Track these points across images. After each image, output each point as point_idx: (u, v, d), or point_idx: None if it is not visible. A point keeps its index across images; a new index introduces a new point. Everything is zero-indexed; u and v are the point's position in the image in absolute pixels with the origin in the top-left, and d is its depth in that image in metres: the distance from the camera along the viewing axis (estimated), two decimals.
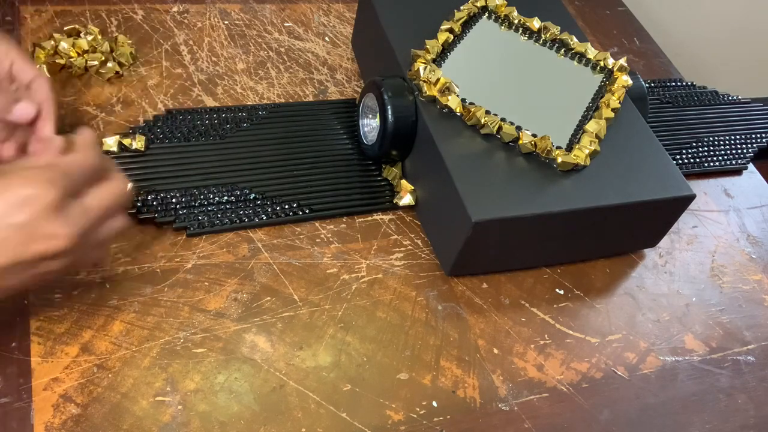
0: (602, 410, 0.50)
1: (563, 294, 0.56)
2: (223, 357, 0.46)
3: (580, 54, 0.62)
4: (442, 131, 0.53)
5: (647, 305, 0.57)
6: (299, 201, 0.55)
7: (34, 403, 0.42)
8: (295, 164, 0.57)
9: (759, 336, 0.58)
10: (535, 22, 0.63)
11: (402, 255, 0.55)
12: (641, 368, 0.53)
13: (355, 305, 0.51)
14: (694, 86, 0.78)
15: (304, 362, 0.47)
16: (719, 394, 0.53)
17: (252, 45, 0.68)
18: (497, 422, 0.47)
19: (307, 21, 0.72)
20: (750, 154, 0.72)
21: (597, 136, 0.55)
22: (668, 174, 0.56)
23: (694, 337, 0.56)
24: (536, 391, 0.50)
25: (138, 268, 0.49)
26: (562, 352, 0.52)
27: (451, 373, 0.49)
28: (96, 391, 0.43)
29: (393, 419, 0.46)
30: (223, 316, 0.48)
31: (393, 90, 0.54)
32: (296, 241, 0.53)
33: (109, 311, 0.46)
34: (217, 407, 0.44)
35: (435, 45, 0.57)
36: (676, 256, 0.61)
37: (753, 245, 0.65)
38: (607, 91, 0.60)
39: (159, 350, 0.45)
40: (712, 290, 0.60)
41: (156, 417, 0.42)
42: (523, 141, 0.53)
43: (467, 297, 0.53)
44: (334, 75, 0.67)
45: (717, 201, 0.68)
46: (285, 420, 0.44)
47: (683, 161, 0.69)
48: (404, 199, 0.57)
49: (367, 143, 0.59)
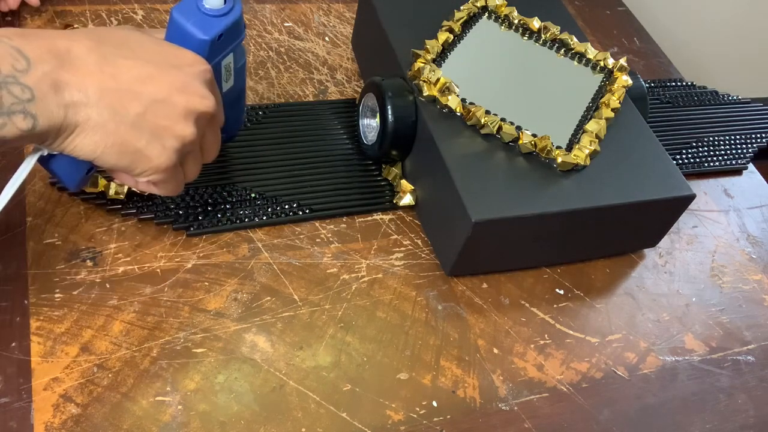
0: (602, 410, 0.50)
1: (563, 294, 0.56)
2: (223, 357, 0.46)
3: (580, 54, 0.62)
4: (442, 131, 0.53)
5: (647, 305, 0.57)
6: (299, 201, 0.55)
7: (34, 403, 0.42)
8: (295, 164, 0.57)
9: (759, 336, 0.58)
10: (535, 22, 0.63)
11: (402, 255, 0.55)
12: (641, 368, 0.53)
13: (355, 305, 0.51)
14: (694, 86, 0.78)
15: (304, 362, 0.47)
16: (719, 394, 0.53)
17: (252, 45, 0.68)
18: (497, 422, 0.47)
19: (307, 21, 0.72)
20: (750, 154, 0.72)
21: (597, 136, 0.55)
22: (668, 174, 0.56)
23: (694, 337, 0.56)
24: (536, 391, 0.50)
25: (138, 268, 0.49)
26: (562, 352, 0.52)
27: (451, 373, 0.49)
28: (96, 391, 0.43)
29: (393, 419, 0.46)
30: (223, 316, 0.48)
31: (393, 90, 0.54)
32: (296, 241, 0.53)
33: (109, 311, 0.46)
34: (217, 407, 0.44)
35: (435, 45, 0.57)
36: (676, 256, 0.61)
37: (753, 245, 0.65)
38: (607, 91, 0.60)
39: (159, 350, 0.45)
40: (712, 290, 0.60)
41: (156, 417, 0.43)
42: (523, 141, 0.53)
43: (467, 297, 0.53)
44: (334, 75, 0.67)
45: (717, 201, 0.68)
46: (285, 420, 0.44)
47: (683, 161, 0.69)
48: (404, 199, 0.57)
49: (367, 143, 0.59)
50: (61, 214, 0.50)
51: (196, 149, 0.43)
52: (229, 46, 0.45)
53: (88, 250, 0.49)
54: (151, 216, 0.51)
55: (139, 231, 0.51)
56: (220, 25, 0.43)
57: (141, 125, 0.38)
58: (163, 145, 0.39)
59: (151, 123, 0.38)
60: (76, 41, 0.37)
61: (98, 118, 0.37)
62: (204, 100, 0.40)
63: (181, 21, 0.42)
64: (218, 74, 0.46)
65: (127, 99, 0.37)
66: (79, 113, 0.36)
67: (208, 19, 0.42)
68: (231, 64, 0.47)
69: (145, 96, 0.38)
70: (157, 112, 0.38)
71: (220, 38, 0.43)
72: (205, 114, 0.41)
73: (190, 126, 0.40)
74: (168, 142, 0.39)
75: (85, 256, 0.49)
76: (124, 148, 0.38)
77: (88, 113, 0.36)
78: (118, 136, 0.38)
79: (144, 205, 0.51)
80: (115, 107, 0.37)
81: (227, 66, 0.46)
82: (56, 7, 0.65)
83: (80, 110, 0.36)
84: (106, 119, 0.37)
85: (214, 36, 0.42)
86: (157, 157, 0.39)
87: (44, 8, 0.65)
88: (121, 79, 0.37)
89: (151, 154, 0.39)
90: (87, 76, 0.36)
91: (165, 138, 0.39)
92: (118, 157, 0.38)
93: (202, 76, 0.41)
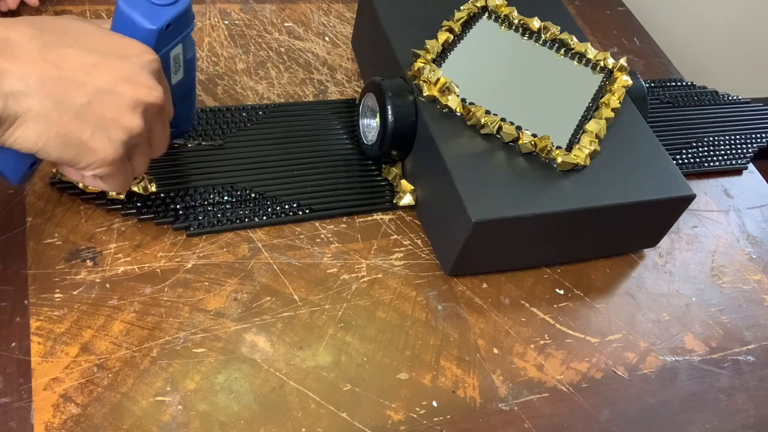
0: (602, 410, 0.50)
1: (563, 294, 0.56)
2: (223, 357, 0.46)
3: (580, 54, 0.62)
4: (442, 131, 0.53)
5: (647, 305, 0.57)
6: (299, 201, 0.55)
7: (34, 403, 0.42)
8: (295, 164, 0.57)
9: (759, 336, 0.58)
10: (535, 22, 0.63)
11: (402, 255, 0.55)
12: (641, 368, 0.53)
13: (355, 305, 0.51)
14: (694, 86, 0.78)
15: (304, 362, 0.47)
16: (719, 394, 0.53)
17: (252, 45, 0.68)
18: (497, 422, 0.47)
19: (307, 21, 0.72)
20: (750, 154, 0.72)
21: (597, 136, 0.55)
22: (668, 174, 0.56)
23: (694, 337, 0.56)
24: (536, 391, 0.50)
25: (138, 268, 0.49)
26: (562, 352, 0.52)
27: (451, 373, 0.49)
28: (96, 391, 0.43)
29: (393, 419, 0.46)
30: (223, 316, 0.48)
31: (393, 90, 0.54)
32: (296, 241, 0.53)
33: (109, 311, 0.46)
34: (217, 407, 0.44)
35: (435, 45, 0.57)
36: (676, 256, 0.61)
37: (753, 245, 0.65)
38: (607, 91, 0.60)
39: (159, 350, 0.45)
40: (712, 290, 0.60)
41: (156, 417, 0.43)
42: (523, 141, 0.53)
43: (467, 297, 0.53)
44: (334, 75, 0.67)
45: (717, 201, 0.68)
46: (285, 420, 0.44)
47: (683, 161, 0.69)
48: (404, 199, 0.57)
49: (367, 143, 0.59)
50: (61, 214, 0.50)
51: (144, 142, 0.42)
52: (177, 36, 0.44)
53: (88, 250, 0.49)
54: (151, 216, 0.51)
55: (139, 231, 0.51)
56: (167, 14, 0.42)
57: (86, 116, 0.37)
58: (109, 137, 0.38)
59: (96, 114, 0.37)
60: (17, 29, 0.36)
61: (40, 109, 0.35)
62: (152, 90, 0.39)
63: (128, 10, 0.41)
64: (167, 65, 0.45)
65: (70, 88, 0.36)
66: (20, 103, 0.35)
67: (155, 8, 0.41)
68: (180, 55, 0.46)
69: (89, 86, 0.37)
70: (102, 103, 0.37)
71: (168, 28, 0.42)
72: (152, 105, 0.40)
73: (138, 118, 0.39)
74: (114, 134, 0.38)
75: (85, 256, 0.49)
76: (67, 139, 0.37)
77: (29, 103, 0.35)
78: (61, 127, 0.36)
79: (144, 205, 0.51)
80: (58, 97, 0.36)
81: (176, 57, 0.45)
82: (56, 7, 0.65)
83: (21, 100, 0.35)
84: (49, 109, 0.36)
85: (161, 25, 0.41)
86: (103, 150, 0.38)
87: (44, 8, 0.65)
88: (64, 68, 0.36)
89: (97, 147, 0.38)
90: (28, 64, 0.35)
91: (111, 130, 0.38)
92: (61, 150, 0.37)
93: (149, 66, 0.40)
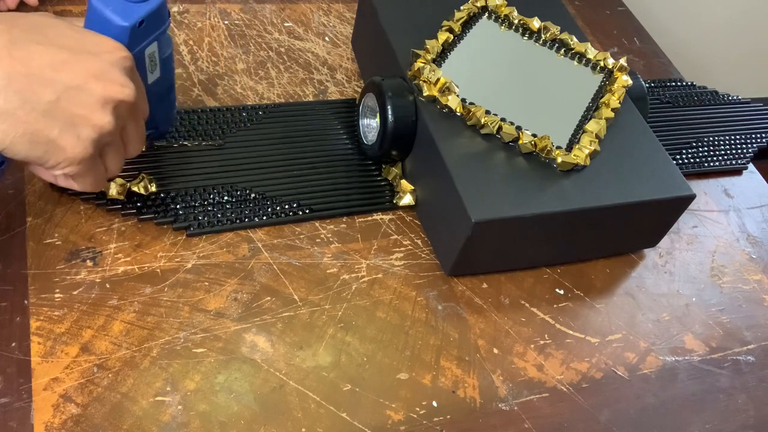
0: (602, 410, 0.50)
1: (563, 294, 0.56)
2: (223, 357, 0.46)
3: (580, 54, 0.62)
4: (442, 131, 0.53)
5: (647, 305, 0.57)
6: (299, 201, 0.55)
7: (34, 403, 0.42)
8: (295, 164, 0.57)
9: (759, 336, 0.58)
10: (535, 22, 0.63)
11: (402, 255, 0.55)
12: (641, 368, 0.53)
13: (355, 305, 0.51)
14: (694, 86, 0.78)
15: (304, 362, 0.47)
16: (719, 394, 0.53)
17: (252, 45, 0.68)
18: (497, 422, 0.47)
19: (307, 21, 0.72)
20: (750, 154, 0.72)
21: (597, 136, 0.55)
22: (668, 174, 0.56)
23: (694, 337, 0.56)
24: (536, 391, 0.50)
25: (138, 268, 0.49)
26: (562, 352, 0.52)
27: (451, 373, 0.49)
28: (96, 391, 0.43)
29: (393, 419, 0.46)
30: (223, 316, 0.48)
31: (393, 90, 0.54)
32: (296, 241, 0.53)
33: (109, 311, 0.46)
34: (217, 407, 0.44)
35: (435, 45, 0.57)
36: (676, 256, 0.61)
37: (753, 245, 0.65)
38: (607, 91, 0.60)
39: (159, 350, 0.45)
40: (712, 290, 0.60)
41: (156, 417, 0.43)
42: (523, 141, 0.53)
43: (467, 297, 0.53)
44: (334, 75, 0.67)
45: (717, 201, 0.68)
46: (285, 420, 0.44)
47: (683, 161, 0.69)
48: (404, 199, 0.57)
49: (367, 143, 0.59)
50: (61, 214, 0.50)
51: (116, 141, 0.41)
52: (151, 34, 0.43)
53: (88, 250, 0.49)
54: (151, 216, 0.51)
55: (139, 231, 0.51)
56: (140, 11, 0.41)
57: (54, 113, 0.36)
58: (78, 135, 0.37)
59: (65, 111, 0.36)
60: None
61: (6, 105, 0.35)
62: (123, 88, 0.39)
63: (100, 7, 0.40)
64: (141, 63, 0.44)
65: (38, 85, 0.36)
66: None
67: (129, 5, 0.41)
68: (156, 53, 0.45)
69: (58, 83, 0.36)
70: (71, 100, 0.37)
71: (141, 25, 0.42)
72: (124, 103, 0.39)
73: (108, 115, 0.38)
74: (84, 131, 0.37)
75: (85, 256, 0.49)
76: (35, 137, 0.36)
77: None
78: (28, 124, 0.36)
79: (144, 205, 0.51)
80: (25, 94, 0.35)
81: (151, 55, 0.45)
82: (56, 8, 0.65)
83: None
84: (15, 106, 0.35)
85: (134, 22, 0.41)
86: (72, 148, 0.37)
87: (44, 8, 0.65)
88: (32, 64, 0.36)
89: (66, 145, 0.37)
90: None
91: (80, 127, 0.37)
92: (29, 148, 0.36)
93: (121, 63, 0.39)
